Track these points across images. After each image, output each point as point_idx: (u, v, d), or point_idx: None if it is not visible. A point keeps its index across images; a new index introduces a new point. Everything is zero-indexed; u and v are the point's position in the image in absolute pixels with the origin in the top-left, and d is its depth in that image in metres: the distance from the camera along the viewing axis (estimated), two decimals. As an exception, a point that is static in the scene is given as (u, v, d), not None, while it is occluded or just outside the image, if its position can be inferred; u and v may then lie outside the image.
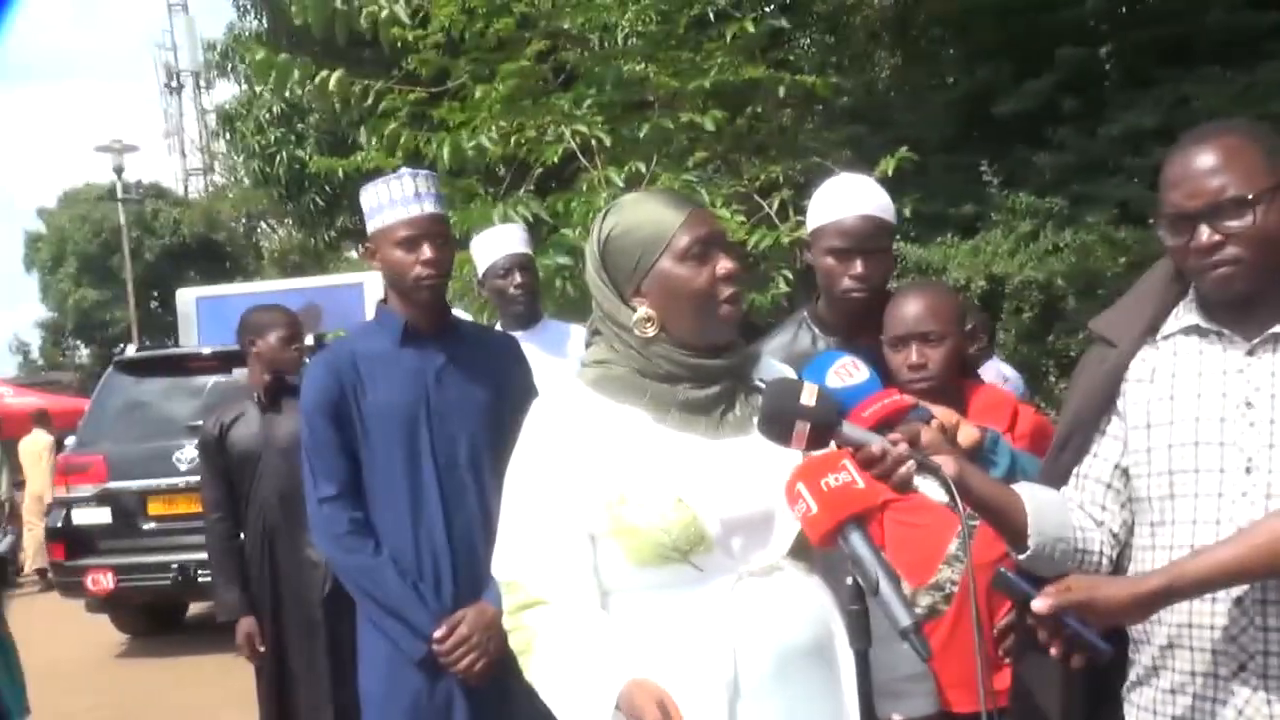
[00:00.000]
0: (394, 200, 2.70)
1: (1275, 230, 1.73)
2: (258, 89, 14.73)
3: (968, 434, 2.11)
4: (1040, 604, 1.64)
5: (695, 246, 1.85)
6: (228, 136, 16.58)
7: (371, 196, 2.75)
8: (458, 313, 3.26)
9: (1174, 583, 1.65)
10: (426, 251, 2.69)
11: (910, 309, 2.44)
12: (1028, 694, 2.14)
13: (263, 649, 4.21)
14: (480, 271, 4.11)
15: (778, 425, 1.70)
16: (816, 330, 2.68)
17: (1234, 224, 1.73)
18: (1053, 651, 1.69)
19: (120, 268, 23.20)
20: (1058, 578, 1.76)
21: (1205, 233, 1.75)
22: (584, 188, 5.74)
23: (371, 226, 2.76)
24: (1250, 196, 1.72)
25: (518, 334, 3.57)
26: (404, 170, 2.80)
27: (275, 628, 4.20)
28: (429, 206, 2.72)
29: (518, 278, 3.95)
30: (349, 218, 14.37)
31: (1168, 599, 1.68)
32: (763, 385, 1.77)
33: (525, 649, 1.84)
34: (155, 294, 27.16)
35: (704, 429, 1.87)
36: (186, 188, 32.77)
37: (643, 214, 1.90)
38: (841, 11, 11.19)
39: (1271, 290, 1.78)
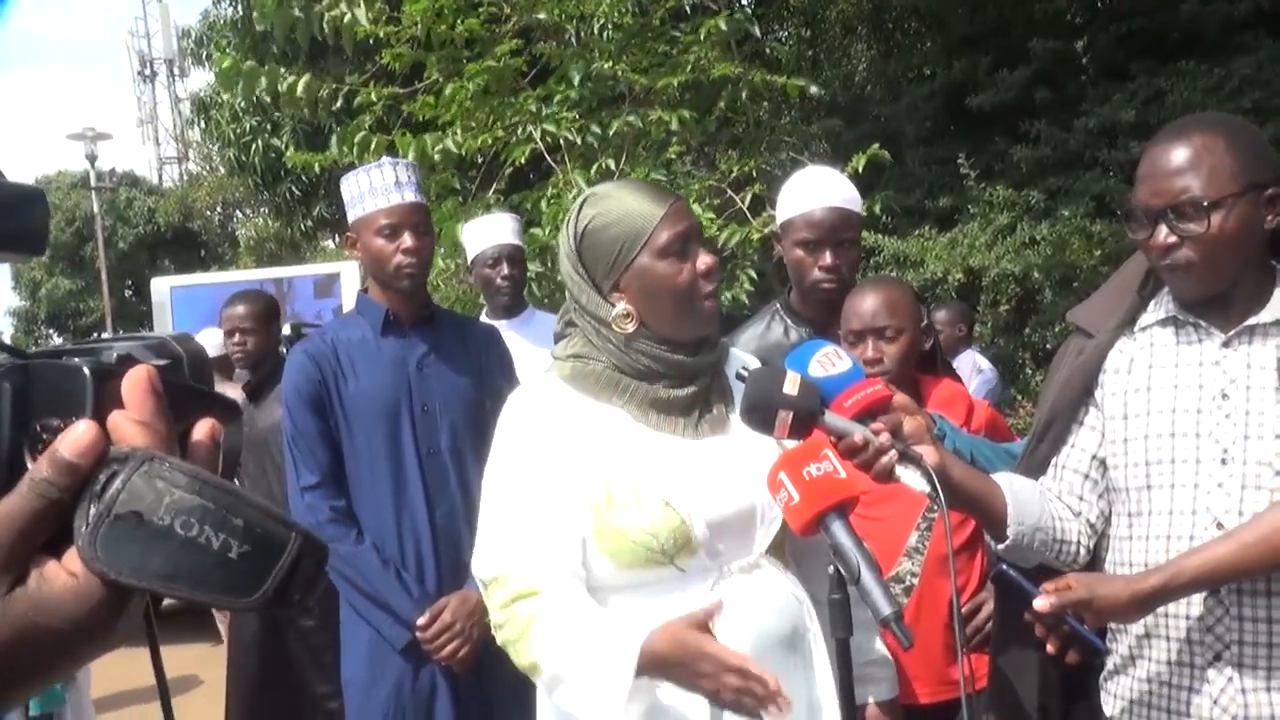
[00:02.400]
0: (374, 189, 2.70)
1: (1232, 236, 1.72)
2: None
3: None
4: (1042, 603, 1.66)
5: (676, 243, 1.82)
6: (202, 125, 16.37)
7: (352, 185, 2.74)
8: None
9: (1171, 581, 1.67)
10: (407, 240, 2.69)
11: (867, 304, 2.45)
12: (1007, 684, 2.15)
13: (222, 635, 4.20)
14: (469, 258, 4.11)
15: (760, 414, 1.70)
16: (789, 321, 2.70)
17: (1190, 227, 1.73)
18: (1050, 649, 1.70)
19: (94, 256, 22.94)
20: (1049, 573, 1.77)
21: (1163, 232, 1.76)
22: (550, 188, 5.71)
23: (352, 215, 2.75)
24: (1207, 202, 1.71)
25: (502, 324, 3.58)
26: (385, 159, 2.80)
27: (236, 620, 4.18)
28: (409, 195, 2.72)
29: (505, 268, 3.96)
30: (326, 206, 14.25)
31: (1165, 597, 1.70)
32: (741, 379, 1.76)
33: (521, 635, 1.73)
34: (129, 283, 26.87)
35: (684, 429, 1.85)
36: (161, 176, 32.46)
37: (621, 207, 1.84)
38: (818, 5, 11.21)
39: (1246, 283, 1.79)
